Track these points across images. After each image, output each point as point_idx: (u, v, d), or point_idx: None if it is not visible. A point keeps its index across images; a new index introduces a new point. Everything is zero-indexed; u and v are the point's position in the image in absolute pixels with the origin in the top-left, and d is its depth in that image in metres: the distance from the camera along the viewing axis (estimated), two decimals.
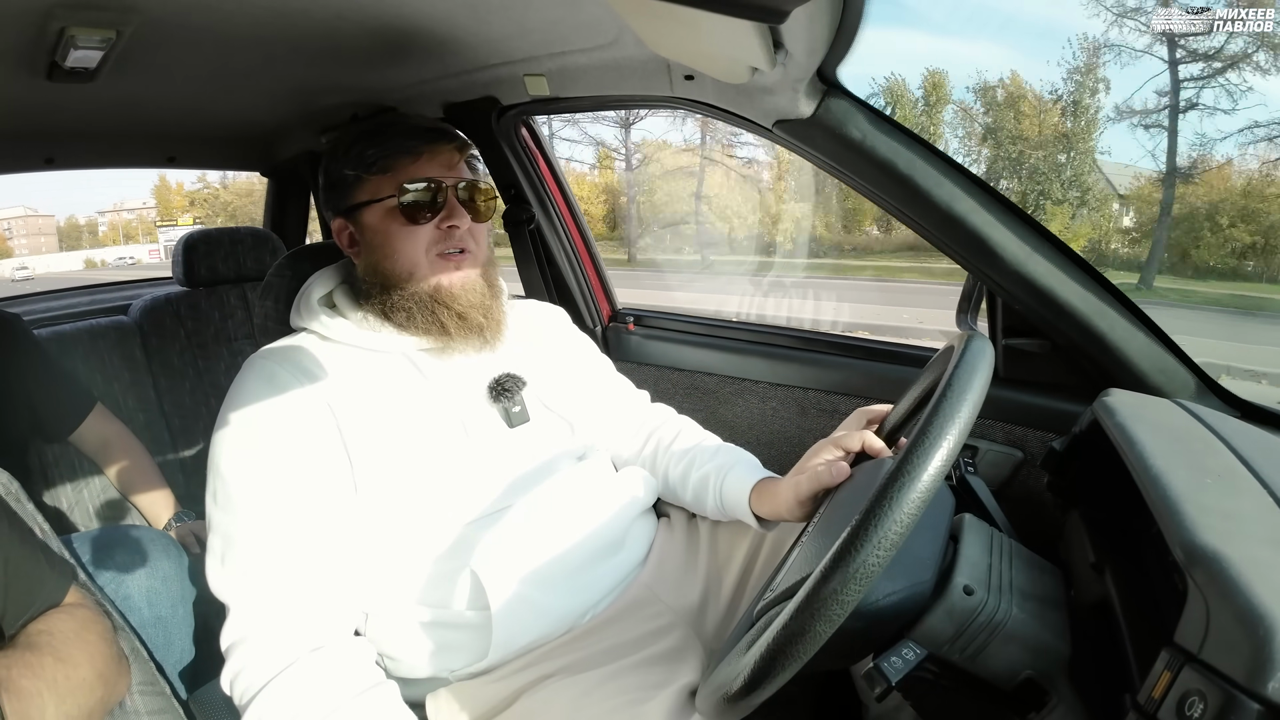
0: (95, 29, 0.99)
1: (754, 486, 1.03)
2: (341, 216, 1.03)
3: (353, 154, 1.00)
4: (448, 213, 0.99)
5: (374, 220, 1.00)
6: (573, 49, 1.24)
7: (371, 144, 0.99)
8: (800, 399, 1.58)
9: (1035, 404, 1.25)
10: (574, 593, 0.97)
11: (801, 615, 0.55)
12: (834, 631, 0.55)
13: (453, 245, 1.00)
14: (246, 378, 0.95)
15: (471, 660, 0.92)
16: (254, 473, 0.88)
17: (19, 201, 34.32)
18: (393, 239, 0.99)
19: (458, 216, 0.99)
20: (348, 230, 1.03)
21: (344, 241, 1.04)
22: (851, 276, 18.95)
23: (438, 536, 0.94)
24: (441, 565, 0.93)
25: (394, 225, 0.99)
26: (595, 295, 1.89)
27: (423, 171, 0.98)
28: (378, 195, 0.99)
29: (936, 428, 0.59)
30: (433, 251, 0.99)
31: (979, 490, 1.11)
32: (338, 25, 1.09)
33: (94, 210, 35.69)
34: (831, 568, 0.55)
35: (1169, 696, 0.52)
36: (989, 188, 1.07)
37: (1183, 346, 1.10)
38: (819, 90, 1.03)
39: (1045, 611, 0.71)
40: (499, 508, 0.97)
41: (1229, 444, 0.83)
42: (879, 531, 0.54)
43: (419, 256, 0.99)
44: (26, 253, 34.38)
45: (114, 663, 0.78)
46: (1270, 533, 0.62)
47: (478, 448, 0.99)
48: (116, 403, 1.71)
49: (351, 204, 1.01)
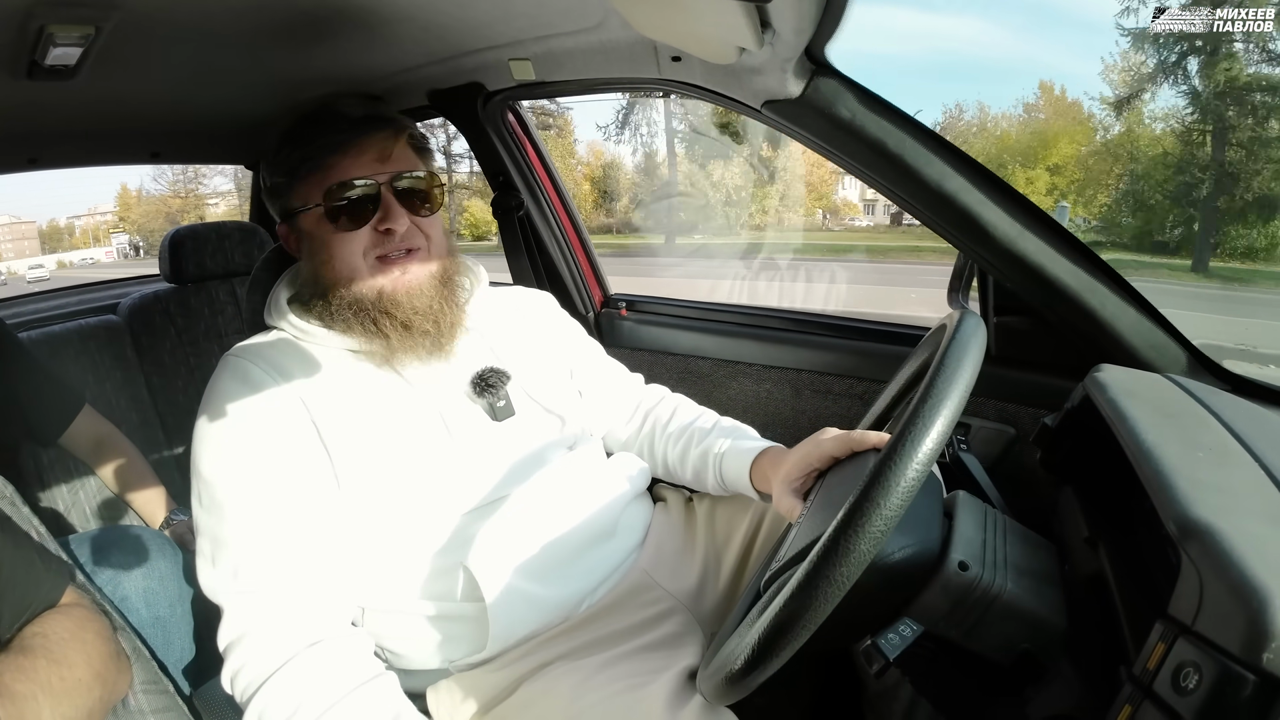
0: (74, 25, 0.97)
1: (754, 460, 1.03)
2: (284, 222, 1.00)
3: (280, 158, 0.96)
4: (383, 214, 0.93)
5: (309, 226, 0.96)
6: (558, 32, 1.23)
7: (296, 146, 0.94)
8: (794, 380, 1.58)
9: (1027, 381, 1.25)
10: (568, 581, 0.97)
11: (821, 568, 0.56)
12: (851, 586, 0.56)
13: (394, 248, 0.94)
14: (220, 376, 0.93)
15: (470, 651, 0.92)
16: (233, 472, 0.87)
17: (3, 209, 36.84)
18: (327, 246, 0.94)
19: (393, 218, 0.93)
20: (291, 236, 1.00)
21: (290, 246, 1.01)
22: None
23: (427, 532, 0.93)
24: (434, 560, 0.92)
25: (326, 232, 0.93)
26: (587, 281, 1.89)
27: (352, 171, 0.92)
28: (307, 202, 0.94)
29: (933, 400, 0.59)
30: (371, 255, 0.94)
31: (972, 467, 1.12)
32: (319, 14, 1.07)
33: (70, 214, 39.05)
34: (847, 521, 0.56)
35: (1164, 668, 0.53)
36: (979, 166, 1.07)
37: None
38: (807, 70, 1.03)
39: (1040, 586, 0.72)
40: (488, 502, 0.96)
41: (1221, 418, 0.84)
42: (893, 486, 0.56)
43: (356, 262, 0.93)
44: (12, 256, 36.69)
45: (112, 661, 0.78)
46: (1263, 506, 0.63)
47: (461, 445, 0.96)
48: (109, 402, 1.70)
49: (286, 209, 0.98)
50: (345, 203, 0.92)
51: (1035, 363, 1.24)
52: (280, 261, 1.08)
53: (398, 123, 0.97)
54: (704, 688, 0.67)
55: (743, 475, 1.04)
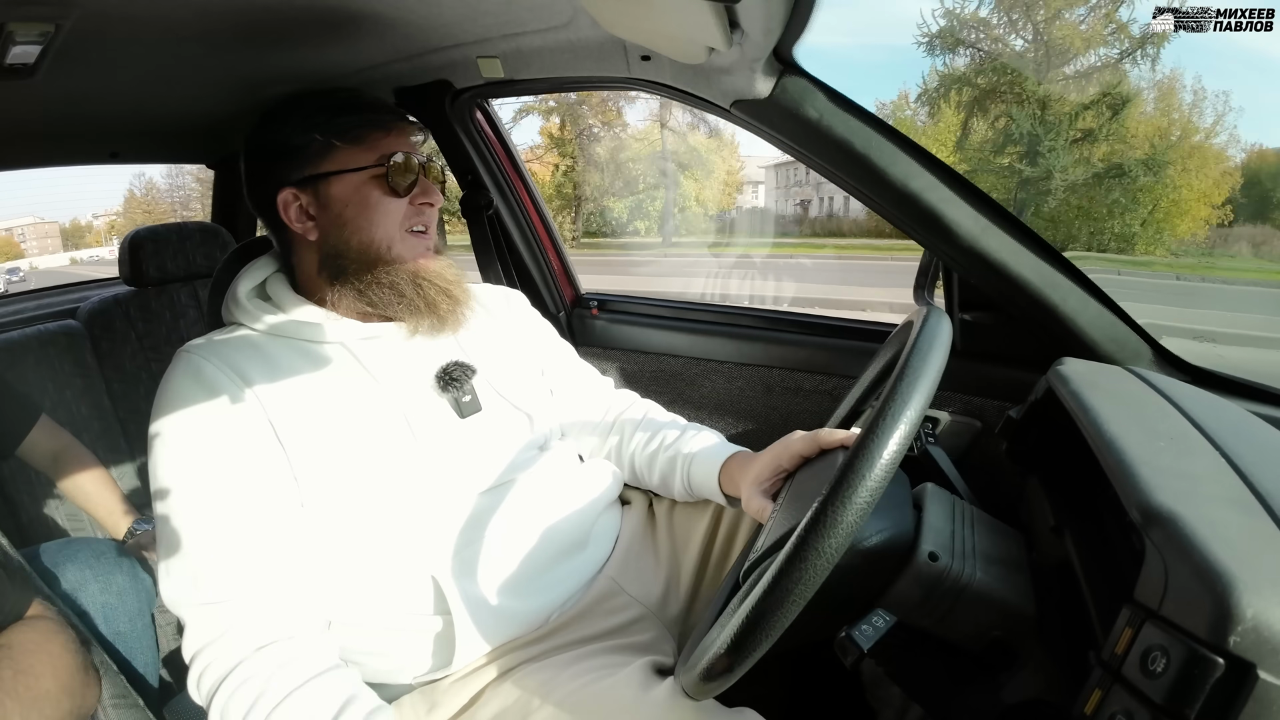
0: (33, 23, 0.95)
1: (722, 465, 1.03)
2: (293, 187, 0.95)
3: (318, 120, 0.95)
4: (423, 189, 0.97)
5: (344, 191, 0.95)
6: (527, 30, 1.23)
7: (343, 112, 0.96)
8: (765, 377, 1.59)
9: (992, 374, 1.28)
10: (538, 593, 0.95)
11: (798, 556, 0.57)
12: (831, 569, 0.56)
13: (423, 222, 0.98)
14: (172, 375, 0.89)
15: (437, 666, 0.90)
16: (186, 476, 0.83)
17: (29, 211, 43.38)
18: (370, 210, 0.95)
19: (432, 194, 0.98)
20: (298, 203, 0.96)
21: (291, 215, 0.96)
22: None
23: (392, 538, 0.90)
24: (400, 570, 0.89)
25: (373, 195, 0.95)
26: (558, 280, 1.88)
27: (397, 145, 0.96)
28: (353, 165, 0.95)
29: (901, 394, 0.60)
30: (404, 227, 0.97)
31: (940, 460, 1.14)
32: (284, 11, 1.06)
33: (92, 213, 43.70)
34: (821, 511, 0.57)
35: (1132, 652, 0.54)
36: (944, 166, 1.08)
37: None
38: (776, 70, 1.04)
39: (1009, 574, 0.74)
40: (456, 506, 0.94)
41: (1180, 408, 0.86)
42: (865, 476, 0.57)
43: (394, 231, 0.96)
44: (36, 253, 41.08)
45: (80, 674, 0.77)
46: (1223, 492, 0.65)
47: (427, 442, 0.94)
48: (70, 410, 1.65)
49: (315, 173, 0.95)
50: (400, 171, 0.95)
51: (999, 357, 1.27)
52: (243, 262, 1.05)
53: (417, 121, 1.03)
54: (684, 681, 0.67)
55: (711, 479, 1.04)
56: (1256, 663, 0.48)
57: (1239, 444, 0.75)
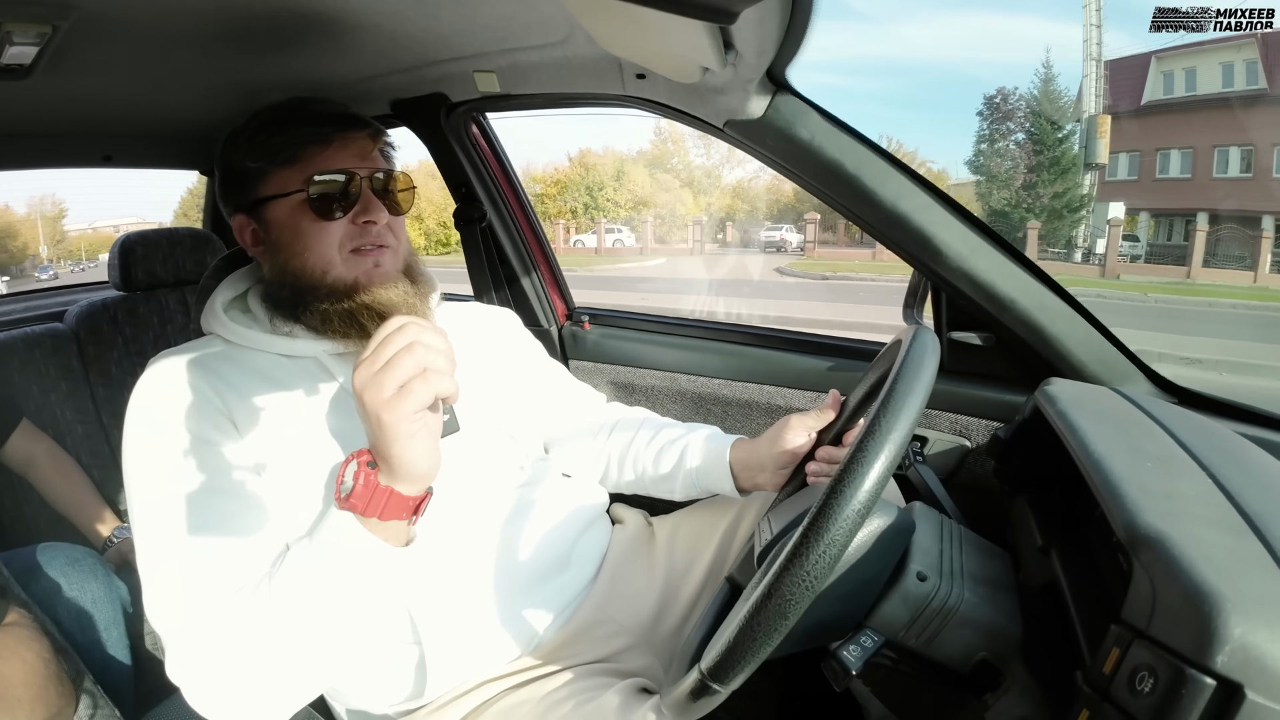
0: (30, 24, 0.95)
1: (732, 446, 1.05)
2: (243, 213, 0.94)
3: (256, 143, 0.91)
4: (362, 206, 0.91)
5: (281, 216, 0.91)
6: (524, 46, 1.23)
7: (276, 132, 0.91)
8: (756, 393, 1.59)
9: (980, 395, 1.28)
10: (517, 620, 0.93)
11: (786, 574, 0.57)
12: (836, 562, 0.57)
13: (369, 241, 0.92)
14: (144, 384, 0.87)
15: (412, 695, 0.88)
16: (156, 487, 0.80)
17: (133, 212, 47.69)
18: (302, 236, 0.90)
19: (374, 211, 0.91)
20: (250, 228, 0.95)
21: (247, 240, 0.96)
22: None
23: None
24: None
25: (303, 221, 0.90)
26: (550, 294, 1.88)
27: (333, 162, 0.90)
28: (284, 189, 0.90)
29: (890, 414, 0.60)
30: (346, 248, 0.91)
31: (928, 479, 1.14)
32: (282, 20, 1.06)
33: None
34: (806, 536, 0.57)
35: (1120, 672, 0.54)
36: (934, 187, 1.09)
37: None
38: (769, 90, 1.05)
39: (996, 594, 0.74)
40: (430, 529, 0.86)
41: (1166, 428, 0.87)
42: (853, 495, 0.57)
43: (332, 254, 0.90)
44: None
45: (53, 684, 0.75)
46: (1209, 512, 0.65)
47: None
48: (54, 414, 1.64)
49: (254, 198, 0.92)
50: (327, 192, 0.89)
51: (988, 376, 1.27)
52: (230, 270, 1.04)
53: (374, 126, 0.96)
54: (668, 702, 0.66)
55: (721, 459, 1.04)
56: (1244, 683, 0.48)
57: (1225, 465, 0.76)
